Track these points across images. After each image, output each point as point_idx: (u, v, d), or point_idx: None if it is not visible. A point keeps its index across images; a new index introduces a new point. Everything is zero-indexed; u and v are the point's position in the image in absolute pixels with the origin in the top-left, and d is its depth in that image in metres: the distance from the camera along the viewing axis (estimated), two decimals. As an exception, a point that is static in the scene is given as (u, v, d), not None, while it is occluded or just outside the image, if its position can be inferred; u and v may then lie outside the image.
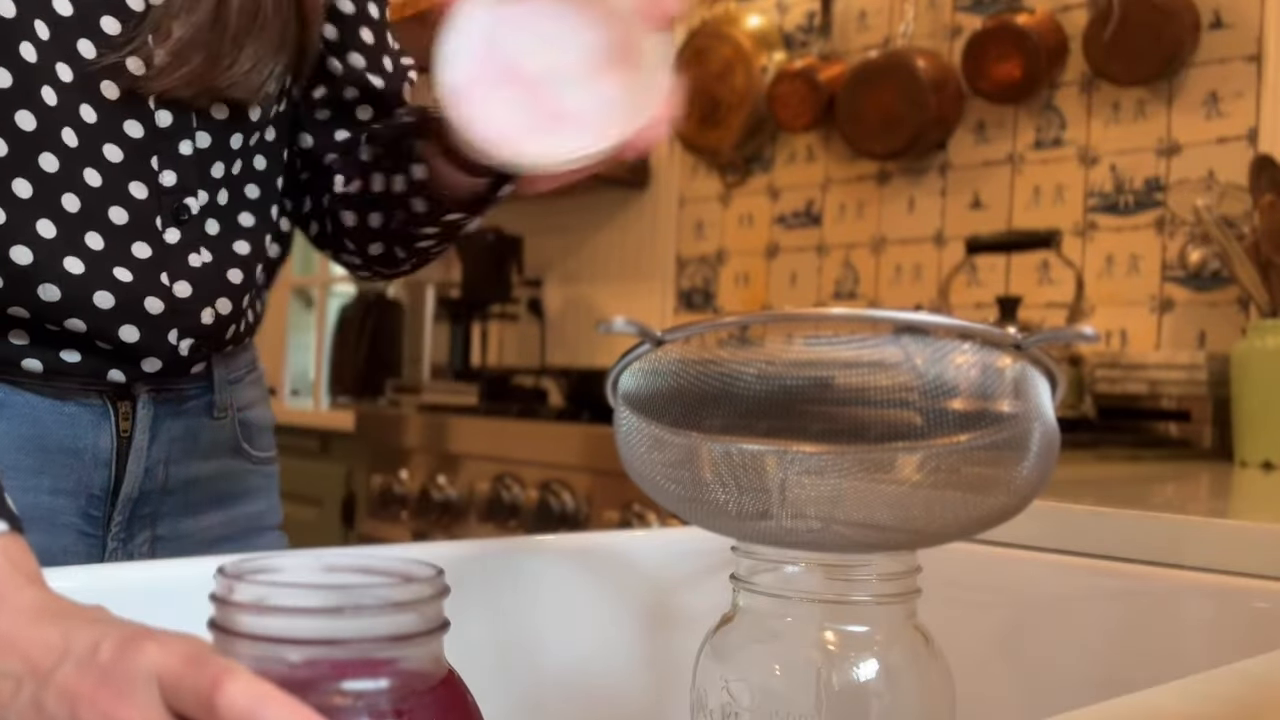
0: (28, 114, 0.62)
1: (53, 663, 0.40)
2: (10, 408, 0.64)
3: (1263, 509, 0.94)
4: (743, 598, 0.57)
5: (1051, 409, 0.51)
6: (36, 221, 0.63)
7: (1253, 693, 0.40)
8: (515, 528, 1.75)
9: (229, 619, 0.40)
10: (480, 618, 0.67)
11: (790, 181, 2.21)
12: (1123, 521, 0.73)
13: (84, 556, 0.68)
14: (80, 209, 0.64)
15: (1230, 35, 1.68)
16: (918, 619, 0.57)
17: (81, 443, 0.67)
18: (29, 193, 0.62)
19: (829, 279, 2.14)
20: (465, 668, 0.66)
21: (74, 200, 0.64)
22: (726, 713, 0.56)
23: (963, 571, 0.75)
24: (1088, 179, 1.82)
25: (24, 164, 0.62)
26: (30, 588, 0.43)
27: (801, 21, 2.20)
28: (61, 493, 0.67)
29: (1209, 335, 1.69)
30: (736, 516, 0.53)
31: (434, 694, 0.44)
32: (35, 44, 0.62)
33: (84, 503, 0.68)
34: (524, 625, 0.69)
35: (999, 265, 1.91)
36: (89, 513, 0.68)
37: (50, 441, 0.66)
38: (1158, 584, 0.69)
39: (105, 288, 0.65)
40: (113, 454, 0.69)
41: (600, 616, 0.72)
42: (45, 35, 0.62)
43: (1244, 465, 1.40)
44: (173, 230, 0.68)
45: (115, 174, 0.65)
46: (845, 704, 0.54)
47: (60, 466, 0.66)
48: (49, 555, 0.61)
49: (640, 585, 0.74)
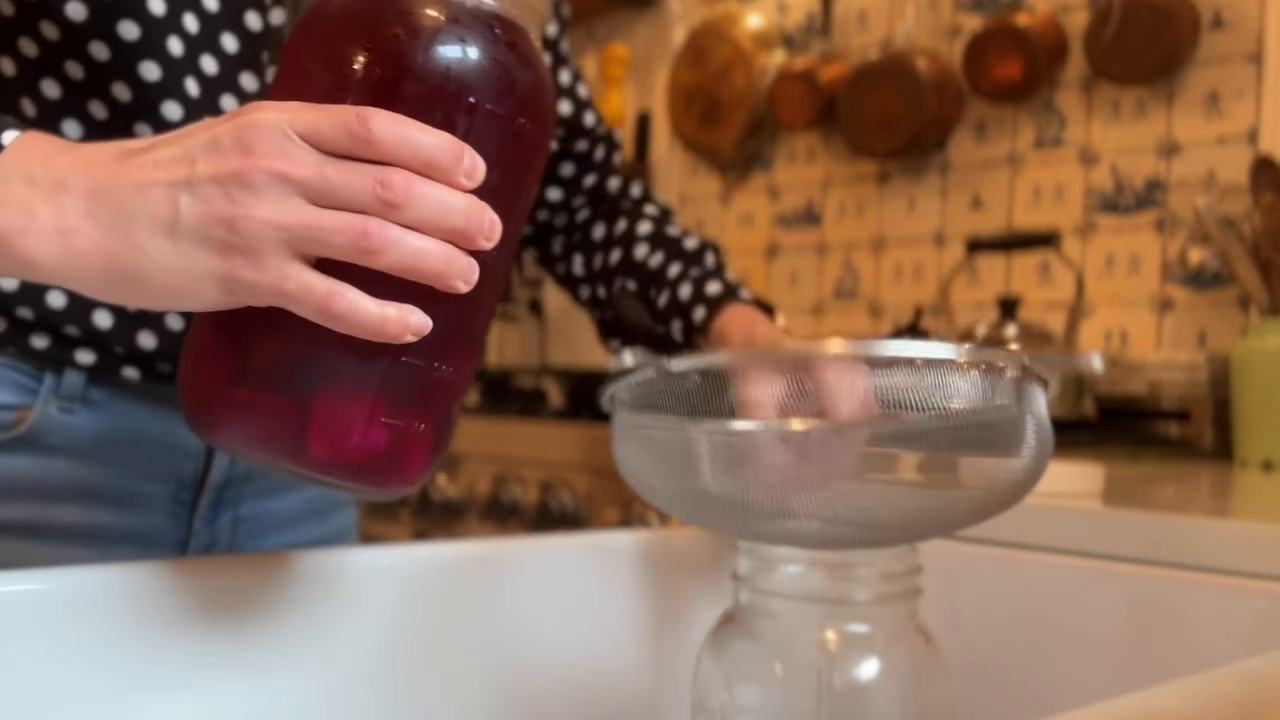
0: (153, 65, 0.64)
1: (186, 170, 0.42)
2: (113, 407, 0.69)
3: (1263, 509, 0.94)
4: (744, 597, 0.57)
5: (1045, 409, 0.51)
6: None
7: (1253, 693, 0.40)
8: (515, 528, 1.75)
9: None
10: (480, 618, 0.67)
11: (790, 181, 2.21)
12: (1123, 521, 0.73)
13: (171, 536, 0.73)
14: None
15: (1230, 35, 1.68)
16: (918, 619, 0.57)
17: (174, 438, 0.72)
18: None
19: (829, 279, 2.14)
20: (465, 667, 0.66)
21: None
22: (727, 712, 0.56)
23: (963, 571, 0.75)
24: (1088, 179, 1.82)
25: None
26: (95, 149, 0.45)
27: (801, 21, 2.20)
28: (155, 479, 0.71)
29: (1209, 335, 1.69)
30: (736, 514, 0.53)
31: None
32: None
33: (174, 488, 0.72)
34: (524, 625, 0.69)
35: (999, 265, 1.91)
36: (179, 497, 0.73)
37: (147, 436, 0.70)
38: (1158, 584, 0.69)
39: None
40: (202, 447, 0.73)
41: (600, 616, 0.72)
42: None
43: (1244, 465, 1.40)
44: None
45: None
46: (846, 704, 0.54)
47: (155, 457, 0.71)
48: (141, 534, 0.71)
49: (640, 585, 0.74)
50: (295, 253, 0.43)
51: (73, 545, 0.68)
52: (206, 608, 0.57)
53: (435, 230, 0.44)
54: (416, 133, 0.43)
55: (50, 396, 0.67)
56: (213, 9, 0.66)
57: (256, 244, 0.42)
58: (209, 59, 0.66)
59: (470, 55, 0.47)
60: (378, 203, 0.42)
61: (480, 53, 0.47)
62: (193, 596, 0.56)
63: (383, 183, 0.42)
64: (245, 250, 0.42)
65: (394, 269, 0.43)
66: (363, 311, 0.43)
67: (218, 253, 0.42)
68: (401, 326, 0.43)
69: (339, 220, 0.42)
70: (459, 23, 0.47)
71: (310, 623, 0.60)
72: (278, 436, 0.46)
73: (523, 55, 0.49)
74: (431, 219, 0.43)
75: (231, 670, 0.57)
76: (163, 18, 0.63)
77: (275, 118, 0.43)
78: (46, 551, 0.67)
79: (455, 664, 0.66)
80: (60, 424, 0.67)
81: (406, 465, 0.48)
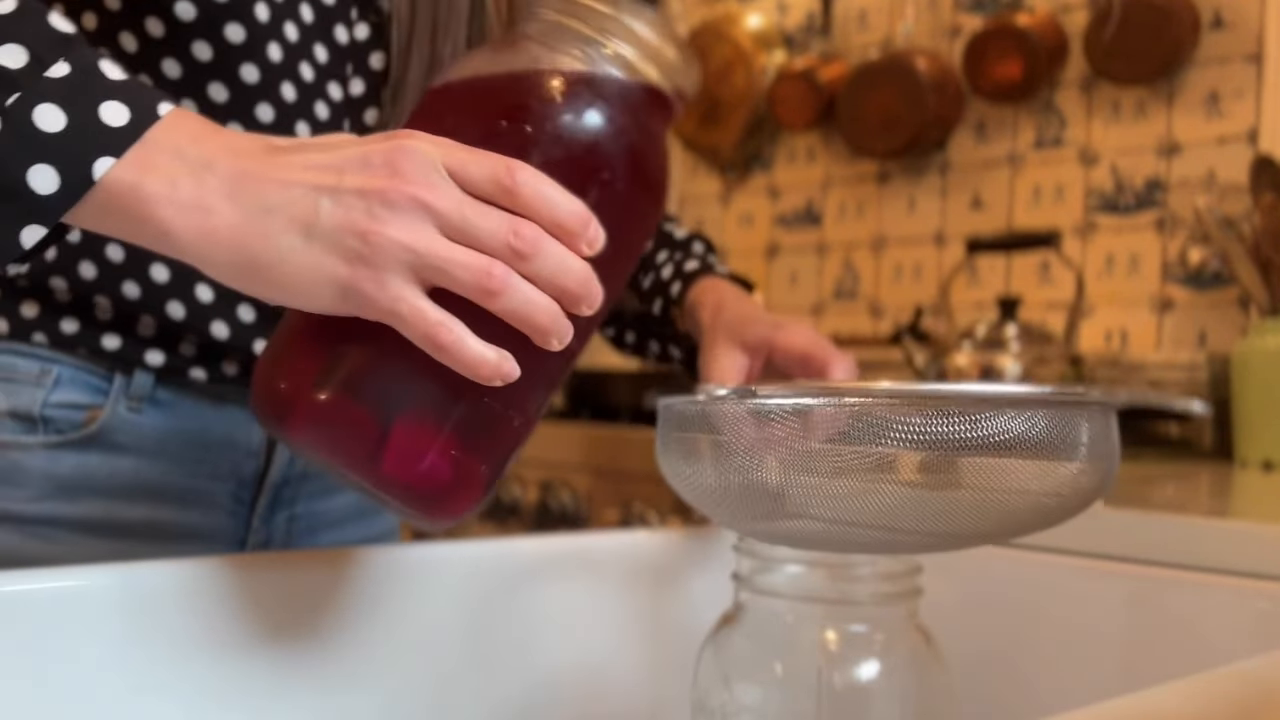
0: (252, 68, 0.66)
1: (334, 178, 0.44)
2: (180, 408, 0.72)
3: (1263, 509, 0.94)
4: (744, 597, 0.57)
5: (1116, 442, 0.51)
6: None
7: (1253, 693, 0.40)
8: (515, 528, 1.75)
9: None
10: (480, 618, 0.67)
11: (790, 181, 2.21)
12: (1123, 521, 0.73)
13: (230, 533, 0.75)
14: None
15: (1230, 35, 1.68)
16: (918, 619, 0.57)
17: (237, 438, 0.74)
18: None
19: (829, 279, 2.14)
20: (465, 667, 0.66)
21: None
22: (727, 712, 0.56)
23: (963, 571, 0.75)
24: (1088, 179, 1.82)
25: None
26: (244, 137, 0.47)
27: (801, 21, 2.20)
28: (218, 478, 0.74)
29: (1209, 335, 1.69)
30: (764, 515, 0.53)
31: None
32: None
33: (235, 486, 0.75)
34: (524, 625, 0.69)
35: (999, 265, 1.91)
36: (238, 495, 0.75)
37: (211, 436, 0.73)
38: (1158, 584, 0.69)
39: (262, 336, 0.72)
40: (263, 446, 0.75)
41: (600, 616, 0.72)
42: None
43: (1244, 465, 1.40)
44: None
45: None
46: (846, 704, 0.54)
47: (218, 456, 0.73)
48: (202, 531, 0.73)
49: (640, 585, 0.74)
50: (417, 278, 0.44)
51: (138, 542, 0.70)
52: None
53: (549, 287, 0.46)
54: (555, 193, 0.46)
55: (120, 397, 0.70)
56: (308, 20, 0.68)
57: (384, 260, 0.44)
58: (305, 66, 0.69)
59: (616, 135, 0.50)
60: (507, 249, 0.44)
61: (625, 134, 0.51)
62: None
63: (516, 232, 0.44)
64: (372, 264, 0.44)
65: (505, 314, 0.45)
66: (466, 347, 0.45)
67: (345, 261, 0.44)
68: (496, 370, 0.45)
69: (467, 256, 0.44)
70: (613, 102, 0.50)
71: (343, 622, 0.60)
72: (352, 446, 0.48)
73: (660, 144, 0.53)
74: (549, 276, 0.45)
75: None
76: (266, 23, 0.65)
77: (428, 149, 0.45)
78: (114, 548, 0.69)
79: (454, 664, 0.66)
80: (129, 423, 0.70)
81: (459, 501, 0.50)
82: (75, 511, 0.68)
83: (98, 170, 0.44)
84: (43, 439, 0.68)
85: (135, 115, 0.46)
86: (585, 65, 0.51)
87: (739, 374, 0.73)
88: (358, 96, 0.72)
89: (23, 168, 0.44)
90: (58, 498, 0.68)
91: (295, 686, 0.60)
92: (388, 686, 0.63)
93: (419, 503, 0.49)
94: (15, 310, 0.68)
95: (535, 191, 0.45)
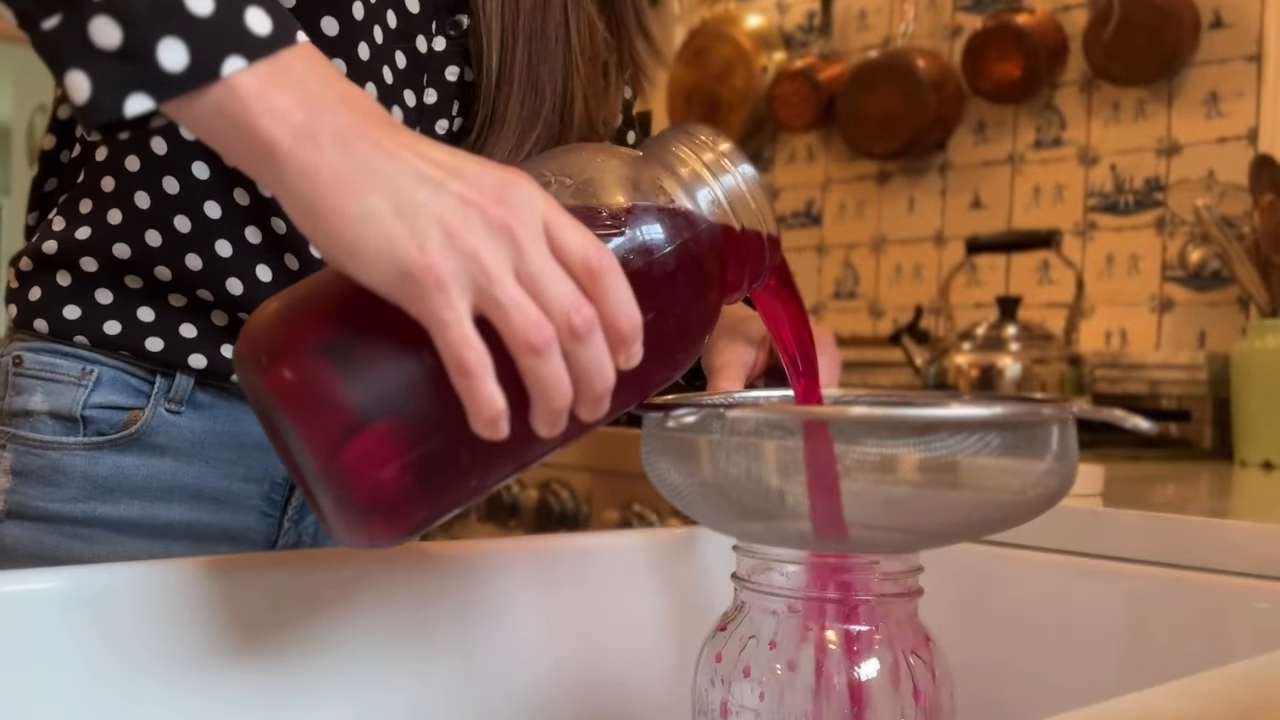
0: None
1: (443, 175, 0.45)
2: (218, 409, 0.73)
3: (1263, 509, 0.94)
4: (744, 597, 0.57)
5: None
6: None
7: (1253, 693, 0.40)
8: (515, 528, 1.75)
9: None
10: (480, 618, 0.67)
11: (790, 181, 2.21)
12: (1123, 521, 0.73)
13: (262, 534, 0.76)
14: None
15: (1230, 35, 1.68)
16: (919, 618, 0.57)
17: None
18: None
19: (829, 279, 2.15)
20: (465, 667, 0.66)
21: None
22: (727, 712, 0.56)
23: (963, 571, 0.75)
24: (1088, 179, 1.82)
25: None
26: (370, 101, 0.48)
27: (801, 21, 2.20)
28: (252, 480, 0.75)
29: (1209, 335, 1.69)
30: (757, 516, 0.53)
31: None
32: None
33: (267, 489, 0.76)
34: (524, 625, 0.69)
35: (999, 265, 1.91)
36: (270, 497, 0.76)
37: (247, 439, 0.74)
38: (1158, 584, 0.69)
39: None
40: None
41: (599, 616, 0.72)
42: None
43: (1244, 465, 1.40)
44: None
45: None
46: (846, 704, 0.54)
47: (253, 458, 0.75)
48: (235, 532, 0.74)
49: (640, 585, 0.74)
50: (475, 299, 0.44)
51: (173, 541, 0.71)
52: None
53: (575, 376, 0.46)
54: (626, 300, 0.46)
55: (161, 398, 0.71)
56: (393, 25, 0.70)
57: (456, 265, 0.43)
58: (387, 68, 0.71)
59: (699, 274, 0.52)
60: (565, 321, 0.44)
61: (707, 277, 0.52)
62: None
63: (579, 309, 0.45)
64: (444, 262, 0.43)
65: (532, 376, 0.45)
66: (484, 382, 0.44)
67: (419, 248, 0.43)
68: (495, 419, 0.44)
69: (529, 305, 0.44)
70: (708, 249, 0.52)
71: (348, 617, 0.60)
72: (322, 422, 0.46)
73: (719, 304, 0.54)
74: (583, 366, 0.45)
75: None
76: (360, 21, 0.67)
77: (538, 197, 0.45)
78: (150, 547, 0.70)
79: (453, 664, 0.66)
80: (168, 425, 0.71)
81: (384, 527, 0.48)
82: (113, 512, 0.70)
83: (227, 67, 0.44)
84: (82, 439, 0.70)
85: (276, 31, 0.46)
86: (693, 206, 0.52)
87: (744, 367, 0.73)
88: (430, 105, 0.74)
89: (158, 36, 0.44)
90: (96, 498, 0.70)
91: (296, 686, 0.60)
92: (385, 686, 0.63)
93: (353, 509, 0.47)
94: (58, 312, 0.70)
95: (613, 290, 0.46)
